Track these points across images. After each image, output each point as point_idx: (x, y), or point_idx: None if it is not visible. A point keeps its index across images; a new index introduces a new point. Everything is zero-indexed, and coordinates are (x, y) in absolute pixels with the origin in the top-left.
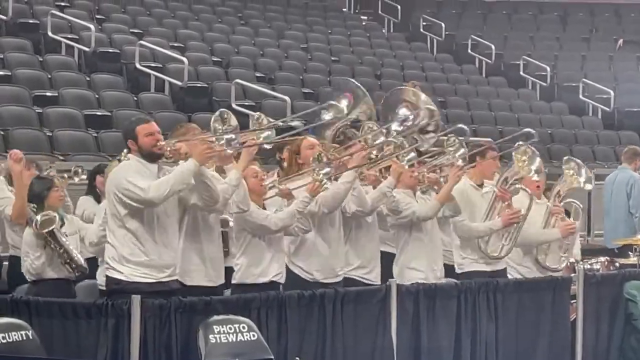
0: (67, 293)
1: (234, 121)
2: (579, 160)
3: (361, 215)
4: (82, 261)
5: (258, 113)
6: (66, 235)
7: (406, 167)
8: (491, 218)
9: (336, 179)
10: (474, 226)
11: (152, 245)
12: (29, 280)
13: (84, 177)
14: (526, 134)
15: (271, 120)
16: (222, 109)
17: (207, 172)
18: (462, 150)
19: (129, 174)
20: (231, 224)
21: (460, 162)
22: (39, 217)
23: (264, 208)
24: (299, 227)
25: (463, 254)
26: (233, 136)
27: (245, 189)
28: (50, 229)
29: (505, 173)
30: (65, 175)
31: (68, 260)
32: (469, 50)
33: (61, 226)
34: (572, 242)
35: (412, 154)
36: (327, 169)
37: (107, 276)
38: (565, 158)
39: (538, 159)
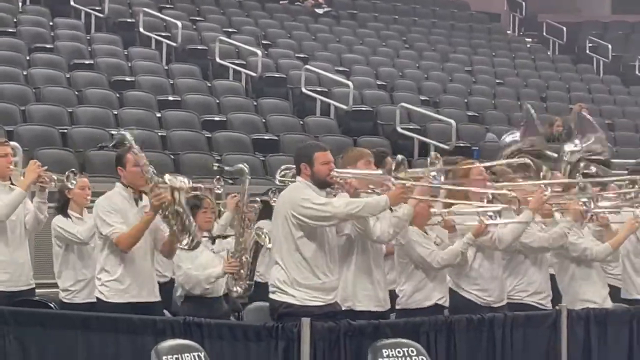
0: (219, 309)
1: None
2: None
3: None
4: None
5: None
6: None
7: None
8: None
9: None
10: None
11: (324, 268)
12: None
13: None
14: None
15: None
16: (401, 159)
17: None
18: None
19: (305, 193)
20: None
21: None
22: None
23: (426, 232)
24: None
25: None
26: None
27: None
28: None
29: None
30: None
31: (249, 277)
32: (637, 72)
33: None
34: None
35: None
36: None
37: (272, 299)
38: None
39: None
